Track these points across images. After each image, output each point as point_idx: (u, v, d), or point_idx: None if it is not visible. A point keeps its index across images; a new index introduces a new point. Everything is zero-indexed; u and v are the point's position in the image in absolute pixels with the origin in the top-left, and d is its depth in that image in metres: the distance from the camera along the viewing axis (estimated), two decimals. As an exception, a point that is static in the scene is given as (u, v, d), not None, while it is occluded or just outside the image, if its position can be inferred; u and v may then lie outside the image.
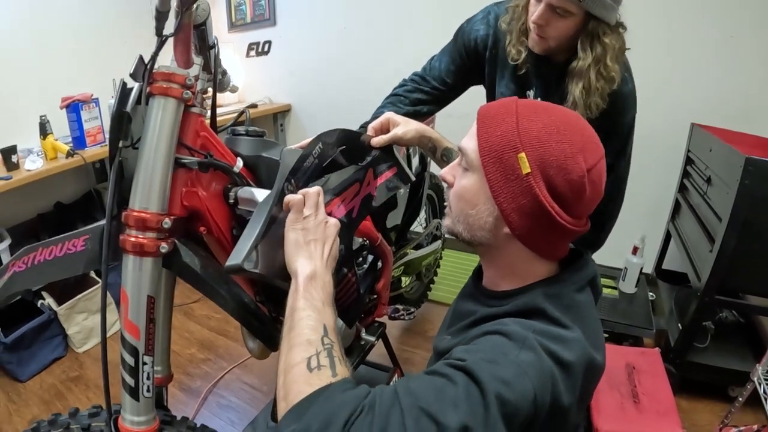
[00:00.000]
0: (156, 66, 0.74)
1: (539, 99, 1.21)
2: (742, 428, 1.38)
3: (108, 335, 0.82)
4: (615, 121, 1.11)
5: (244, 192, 0.89)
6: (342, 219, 0.87)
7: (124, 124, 0.75)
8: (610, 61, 1.04)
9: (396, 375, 1.56)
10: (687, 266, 1.79)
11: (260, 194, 0.86)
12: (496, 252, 0.65)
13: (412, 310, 1.51)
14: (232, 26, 3.19)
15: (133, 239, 0.75)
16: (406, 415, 0.46)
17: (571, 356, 0.54)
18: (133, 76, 0.74)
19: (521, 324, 0.56)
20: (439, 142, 0.96)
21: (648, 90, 2.10)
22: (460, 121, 1.68)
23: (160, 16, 0.69)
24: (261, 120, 3.11)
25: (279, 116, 3.17)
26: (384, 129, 0.96)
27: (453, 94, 1.33)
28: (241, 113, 1.09)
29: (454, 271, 2.60)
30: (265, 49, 3.07)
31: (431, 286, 2.25)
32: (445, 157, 0.97)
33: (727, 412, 1.49)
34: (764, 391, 1.29)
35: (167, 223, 0.77)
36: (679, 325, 1.79)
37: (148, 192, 0.75)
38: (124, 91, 0.74)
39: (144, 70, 0.74)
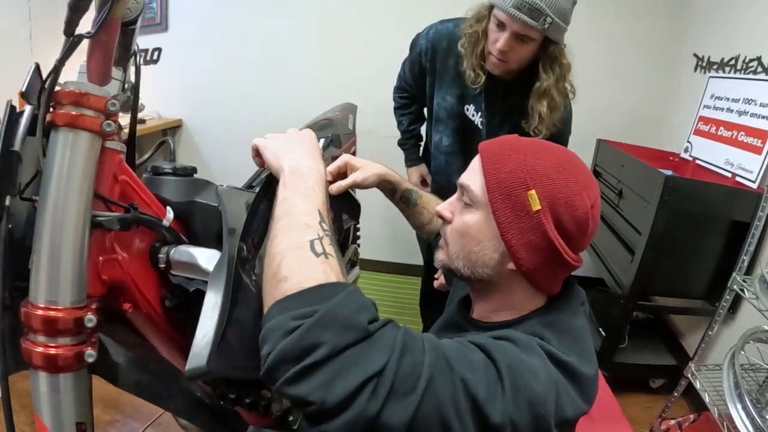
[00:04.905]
0: (61, 82, 0.49)
1: (480, 113, 1.33)
2: (680, 419, 1.47)
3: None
4: (562, 136, 1.28)
5: (180, 254, 0.66)
6: None
7: (13, 169, 0.47)
8: (566, 79, 1.19)
9: None
10: (603, 273, 1.91)
11: (202, 256, 0.64)
12: (494, 287, 0.65)
13: None
14: (117, 31, 2.67)
15: (41, 350, 0.49)
16: (426, 344, 0.48)
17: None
18: (26, 95, 0.47)
19: (527, 336, 0.56)
20: (399, 184, 0.90)
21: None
22: (380, 140, 1.79)
23: (79, 4, 0.44)
24: (147, 137, 2.66)
25: (169, 132, 2.74)
26: (342, 173, 0.85)
27: (422, 96, 1.46)
28: (162, 143, 0.83)
29: (373, 294, 2.50)
30: (155, 57, 2.67)
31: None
32: (404, 198, 0.92)
33: (664, 407, 1.62)
34: (701, 385, 1.40)
35: (91, 320, 0.51)
36: (600, 329, 1.90)
37: (57, 276, 0.49)
38: (13, 118, 0.47)
39: (41, 88, 0.48)
